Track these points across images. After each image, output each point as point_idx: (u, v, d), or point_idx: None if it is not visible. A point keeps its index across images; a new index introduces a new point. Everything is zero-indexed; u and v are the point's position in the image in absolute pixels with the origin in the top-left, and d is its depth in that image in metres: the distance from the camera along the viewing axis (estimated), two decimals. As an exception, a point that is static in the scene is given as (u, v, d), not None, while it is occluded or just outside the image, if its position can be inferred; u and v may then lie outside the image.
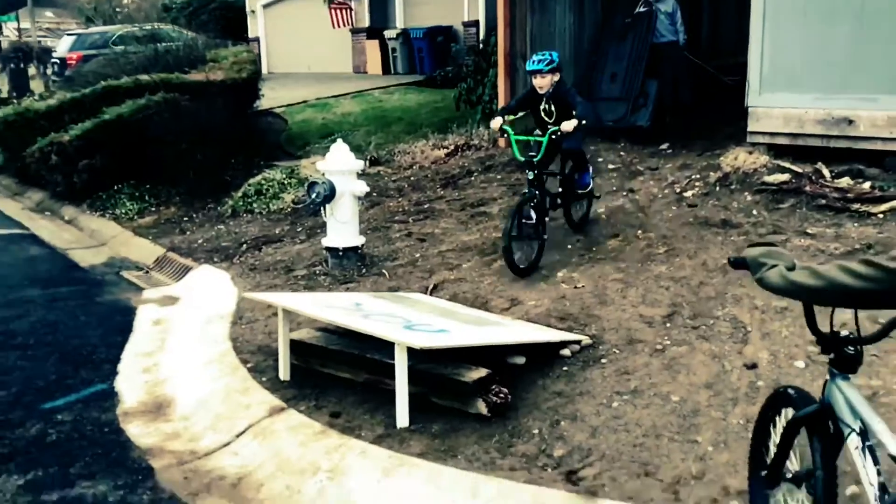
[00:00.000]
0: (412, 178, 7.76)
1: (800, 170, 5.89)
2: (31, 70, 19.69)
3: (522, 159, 5.20)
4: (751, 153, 6.28)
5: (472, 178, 7.46)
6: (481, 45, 10.46)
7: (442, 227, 6.29)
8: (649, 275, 4.84)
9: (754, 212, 5.52)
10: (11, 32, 28.61)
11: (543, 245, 5.31)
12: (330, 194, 5.33)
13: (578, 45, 8.54)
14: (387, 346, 3.57)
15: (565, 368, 3.95)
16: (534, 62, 5.31)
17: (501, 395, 3.60)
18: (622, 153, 7.45)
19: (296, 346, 4.16)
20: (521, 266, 5.12)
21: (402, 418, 3.54)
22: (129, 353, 4.76)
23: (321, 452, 3.40)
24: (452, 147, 8.33)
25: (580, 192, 5.75)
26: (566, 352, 4.08)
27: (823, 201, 5.43)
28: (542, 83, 5.27)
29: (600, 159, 7.32)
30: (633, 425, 3.41)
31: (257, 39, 19.39)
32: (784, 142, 6.24)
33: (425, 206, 6.85)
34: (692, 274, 4.75)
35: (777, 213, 5.45)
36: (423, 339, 3.44)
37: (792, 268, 1.96)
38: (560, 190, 5.61)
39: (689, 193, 6.10)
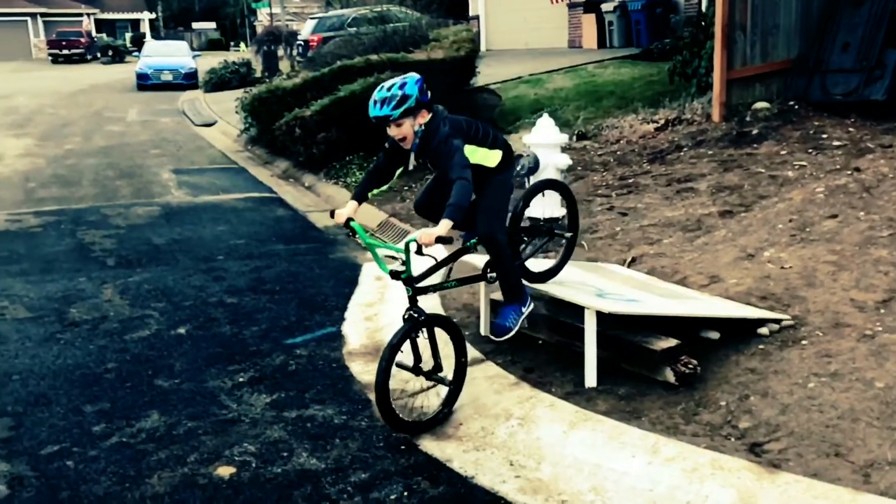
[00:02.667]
0: (618, 153, 7.80)
1: None
2: (280, 52, 22.05)
3: (387, 272, 3.64)
4: None
5: (681, 154, 7.35)
6: (700, 16, 10.08)
7: (645, 201, 6.32)
8: (867, 258, 4.58)
9: None
10: (265, 18, 32.08)
11: (457, 390, 3.74)
12: (534, 167, 5.60)
13: (806, 13, 7.98)
14: (579, 312, 3.80)
15: (761, 347, 3.92)
16: (375, 103, 3.44)
17: (690, 366, 3.70)
18: (851, 129, 6.93)
19: (496, 305, 4.53)
20: (411, 420, 3.65)
21: (590, 379, 3.77)
22: (354, 303, 5.43)
23: (514, 401, 3.73)
24: (663, 121, 8.21)
25: (493, 336, 3.88)
26: (764, 330, 4.04)
27: None
28: (399, 135, 3.51)
29: (825, 135, 6.87)
30: (829, 407, 3.35)
31: (477, 17, 20.03)
32: None
33: (629, 181, 6.89)
34: (917, 259, 4.43)
35: None
36: (611, 306, 3.63)
37: None
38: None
39: (926, 173, 5.60)
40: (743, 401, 3.51)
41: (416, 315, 3.61)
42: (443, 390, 3.78)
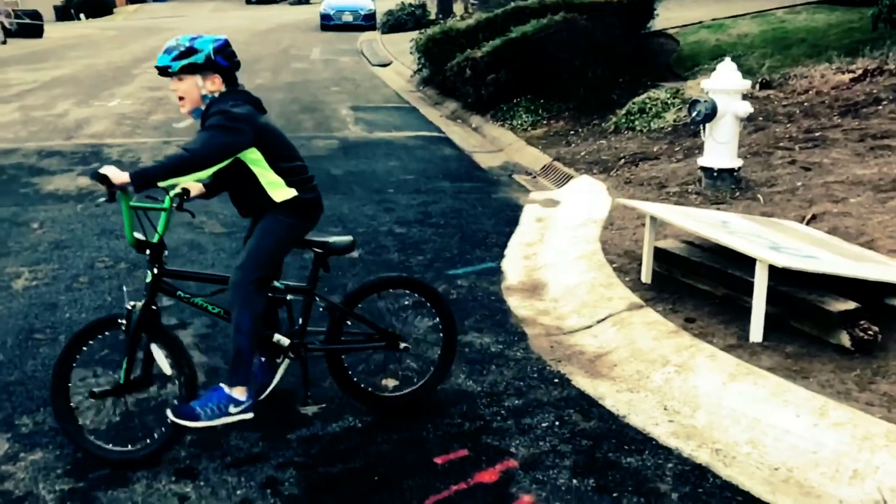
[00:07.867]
0: (805, 104, 7.25)
1: None
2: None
3: (131, 241, 2.94)
4: None
5: (880, 107, 6.70)
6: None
7: (832, 157, 5.87)
8: None
9: None
10: (439, -41, 32.10)
11: (170, 441, 3.01)
12: (711, 113, 5.35)
13: None
14: (748, 265, 3.66)
15: (956, 319, 3.61)
16: (162, 52, 2.99)
17: (870, 333, 3.48)
18: None
19: (659, 253, 4.45)
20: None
21: (756, 333, 3.65)
22: (514, 241, 5.54)
23: (671, 349, 3.70)
24: (860, 72, 7.50)
25: (174, 417, 2.94)
26: (961, 302, 3.70)
27: None
28: (177, 92, 2.99)
29: None
30: None
31: (658, -43, 18.97)
32: None
33: (816, 134, 6.41)
34: None
35: None
36: (786, 260, 3.47)
37: None
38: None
39: None
40: (928, 373, 3.26)
41: (143, 315, 2.94)
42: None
